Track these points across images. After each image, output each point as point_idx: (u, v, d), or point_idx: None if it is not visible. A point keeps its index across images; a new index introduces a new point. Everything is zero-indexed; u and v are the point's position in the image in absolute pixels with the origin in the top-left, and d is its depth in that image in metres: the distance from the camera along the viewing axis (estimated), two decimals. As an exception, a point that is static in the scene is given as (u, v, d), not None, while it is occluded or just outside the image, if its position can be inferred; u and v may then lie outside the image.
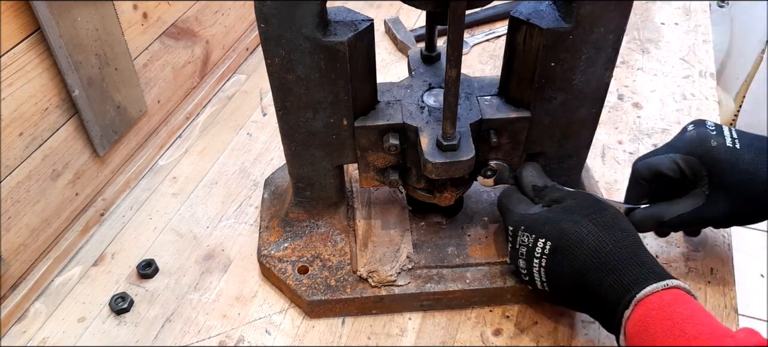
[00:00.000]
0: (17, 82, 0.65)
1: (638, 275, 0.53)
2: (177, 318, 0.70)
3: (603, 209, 0.59)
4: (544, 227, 0.59)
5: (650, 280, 0.52)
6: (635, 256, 0.55)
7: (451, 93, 0.55)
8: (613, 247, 0.55)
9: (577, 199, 0.61)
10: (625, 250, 0.55)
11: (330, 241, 0.73)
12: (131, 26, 0.81)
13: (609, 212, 0.59)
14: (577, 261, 0.56)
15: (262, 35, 0.56)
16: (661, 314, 0.50)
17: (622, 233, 0.56)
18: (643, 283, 0.52)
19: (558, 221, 0.58)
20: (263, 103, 1.02)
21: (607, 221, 0.57)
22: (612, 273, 0.54)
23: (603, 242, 0.56)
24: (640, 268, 0.54)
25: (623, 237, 0.56)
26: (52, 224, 0.75)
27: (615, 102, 0.98)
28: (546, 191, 0.64)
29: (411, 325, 0.68)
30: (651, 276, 0.53)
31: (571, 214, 0.59)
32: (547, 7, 0.58)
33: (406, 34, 1.12)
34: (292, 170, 0.69)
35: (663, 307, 0.50)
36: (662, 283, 0.51)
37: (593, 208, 0.59)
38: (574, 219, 0.58)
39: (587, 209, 0.59)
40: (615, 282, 0.54)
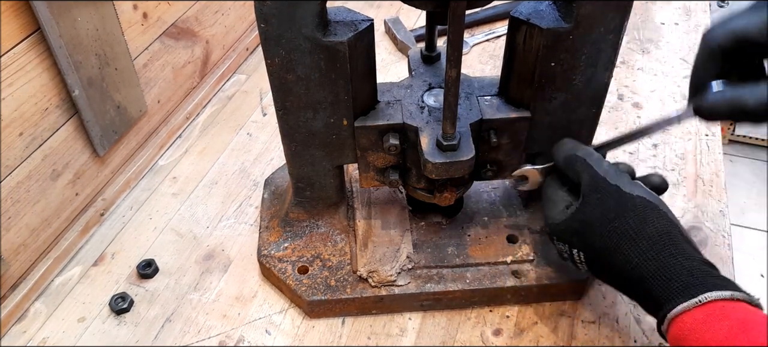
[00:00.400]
0: (17, 82, 0.65)
1: (667, 292, 0.51)
2: (177, 318, 0.70)
3: (626, 212, 0.55)
4: (573, 239, 0.58)
5: (680, 297, 0.50)
6: (662, 269, 0.52)
7: (451, 93, 0.55)
8: (639, 260, 0.53)
9: (599, 199, 0.56)
10: (651, 262, 0.52)
11: (330, 241, 0.73)
12: (131, 26, 0.81)
13: (633, 214, 0.54)
14: (613, 271, 0.56)
15: (262, 35, 0.56)
16: (693, 336, 0.48)
17: (647, 242, 0.53)
18: (673, 301, 0.50)
19: (583, 234, 0.57)
20: (263, 103, 1.02)
21: (631, 227, 0.54)
22: (642, 285, 0.53)
23: (629, 255, 0.54)
24: (668, 283, 0.51)
25: (649, 246, 0.53)
26: (52, 224, 0.75)
27: (615, 102, 0.98)
28: (577, 164, 0.59)
29: (411, 325, 0.68)
30: (681, 293, 0.50)
31: (593, 227, 0.56)
32: (547, 7, 0.58)
33: (406, 34, 1.12)
34: (292, 170, 0.69)
35: (695, 328, 0.48)
36: (694, 300, 0.49)
37: (616, 212, 0.55)
38: (598, 232, 0.56)
39: (609, 215, 0.55)
40: (645, 298, 0.54)
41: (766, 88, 0.48)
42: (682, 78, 1.03)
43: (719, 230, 0.77)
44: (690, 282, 0.50)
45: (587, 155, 0.59)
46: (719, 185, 0.84)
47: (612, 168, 0.58)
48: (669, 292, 0.51)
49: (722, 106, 0.51)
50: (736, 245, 0.75)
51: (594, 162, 0.58)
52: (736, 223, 2.07)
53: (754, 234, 2.06)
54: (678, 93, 1.00)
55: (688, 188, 0.83)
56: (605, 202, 0.56)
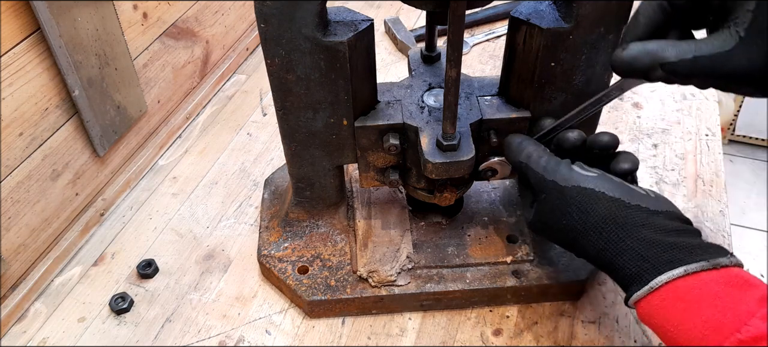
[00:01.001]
0: (17, 82, 0.65)
1: (625, 278, 0.52)
2: (177, 318, 0.70)
3: (568, 210, 0.55)
4: (544, 236, 0.60)
5: (635, 285, 0.50)
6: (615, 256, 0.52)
7: (451, 93, 0.55)
8: (594, 251, 0.54)
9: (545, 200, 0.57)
10: (604, 252, 0.53)
11: (330, 241, 0.73)
12: (131, 26, 0.81)
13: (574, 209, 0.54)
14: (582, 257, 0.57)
15: (262, 35, 0.56)
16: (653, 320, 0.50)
17: (595, 234, 0.53)
18: (630, 289, 0.51)
19: (547, 232, 0.58)
20: (263, 103, 1.02)
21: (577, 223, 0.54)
22: (607, 272, 0.54)
23: (585, 249, 0.55)
24: (622, 270, 0.52)
25: (597, 238, 0.53)
26: (52, 224, 0.75)
27: (615, 102, 0.98)
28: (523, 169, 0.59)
29: (411, 325, 0.68)
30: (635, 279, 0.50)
31: (550, 226, 0.57)
32: (547, 7, 0.58)
33: (406, 34, 1.12)
34: (292, 170, 0.69)
35: (653, 313, 0.49)
36: (646, 288, 0.49)
37: (559, 211, 0.55)
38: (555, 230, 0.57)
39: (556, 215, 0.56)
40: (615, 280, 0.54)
41: (692, 45, 0.46)
42: (682, 78, 1.02)
43: (719, 230, 0.77)
44: (642, 267, 0.50)
45: (527, 157, 0.59)
46: (719, 185, 0.84)
47: (550, 161, 0.57)
48: (626, 279, 0.52)
49: (641, 56, 0.48)
50: (736, 245, 0.75)
51: (533, 163, 0.58)
52: (736, 223, 2.07)
53: (754, 234, 2.06)
54: (677, 93, 1.00)
55: (688, 188, 0.83)
56: (550, 201, 0.56)
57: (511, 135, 0.62)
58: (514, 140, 0.61)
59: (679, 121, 0.94)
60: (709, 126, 0.93)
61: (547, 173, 0.56)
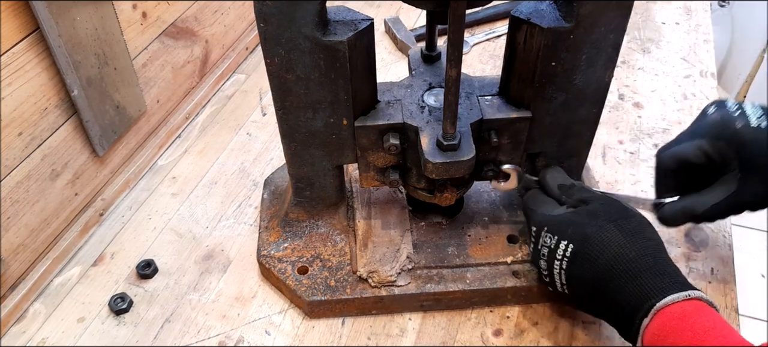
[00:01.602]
0: (16, 82, 0.65)
1: (660, 284, 0.52)
2: (176, 319, 0.70)
3: (629, 217, 0.57)
4: (568, 230, 0.58)
5: (672, 290, 0.51)
6: (657, 265, 0.53)
7: (452, 93, 0.55)
8: (636, 254, 0.54)
9: (604, 203, 0.59)
10: (648, 258, 0.54)
11: (330, 241, 0.72)
12: (130, 26, 0.81)
13: (635, 219, 0.57)
14: (599, 267, 0.55)
15: (261, 35, 0.56)
16: (681, 324, 0.49)
17: (647, 242, 0.55)
18: (664, 292, 0.51)
19: (582, 225, 0.57)
20: (263, 103, 1.01)
21: (633, 228, 0.56)
22: (633, 280, 0.53)
23: (626, 249, 0.54)
24: (662, 277, 0.52)
25: (647, 246, 0.55)
26: (52, 224, 0.75)
27: (616, 102, 0.98)
28: (573, 190, 0.63)
29: (411, 325, 0.68)
30: (673, 286, 0.51)
31: (595, 218, 0.57)
32: (547, 6, 0.58)
33: (406, 33, 1.11)
34: (291, 170, 0.69)
35: (684, 317, 0.49)
36: (684, 293, 0.50)
37: (619, 214, 0.57)
38: (599, 223, 0.57)
39: (613, 215, 0.57)
40: (636, 289, 0.53)
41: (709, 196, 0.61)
42: (682, 78, 1.02)
43: (719, 230, 0.77)
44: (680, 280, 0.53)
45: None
46: (720, 185, 0.83)
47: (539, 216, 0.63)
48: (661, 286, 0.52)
49: (679, 215, 0.63)
50: (736, 245, 0.75)
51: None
52: (736, 223, 2.07)
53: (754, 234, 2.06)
54: (678, 93, 0.99)
55: (688, 188, 0.83)
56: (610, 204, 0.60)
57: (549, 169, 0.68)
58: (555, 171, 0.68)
59: (680, 121, 0.94)
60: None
61: None
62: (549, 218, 0.61)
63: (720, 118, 0.61)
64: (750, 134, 0.59)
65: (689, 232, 0.77)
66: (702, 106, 0.96)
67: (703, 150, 0.61)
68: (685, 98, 0.98)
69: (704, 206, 0.61)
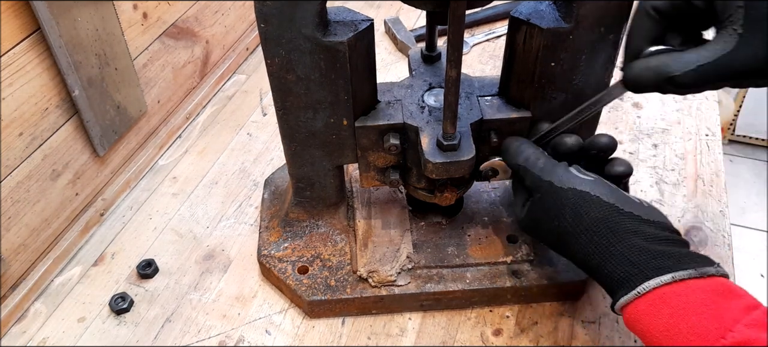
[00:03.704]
0: (17, 82, 0.65)
1: (612, 283, 0.52)
2: (177, 318, 0.70)
3: (562, 211, 0.55)
4: (533, 236, 0.61)
5: (622, 289, 0.51)
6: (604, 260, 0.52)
7: (452, 93, 0.55)
8: (583, 254, 0.54)
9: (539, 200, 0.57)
10: (593, 256, 0.53)
11: (330, 241, 0.73)
12: (131, 26, 0.81)
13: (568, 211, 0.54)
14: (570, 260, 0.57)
15: (262, 35, 0.56)
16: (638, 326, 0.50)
17: (586, 236, 0.53)
18: (616, 293, 0.52)
19: (536, 231, 0.59)
20: (263, 103, 1.02)
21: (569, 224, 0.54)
22: (595, 278, 0.55)
23: (574, 252, 0.55)
24: (610, 275, 0.52)
25: (588, 241, 0.53)
26: (52, 224, 0.75)
27: (615, 102, 0.98)
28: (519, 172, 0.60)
29: (411, 325, 0.68)
30: (622, 283, 0.51)
31: (540, 226, 0.58)
32: (547, 7, 0.58)
33: (406, 34, 1.12)
34: (292, 170, 0.69)
35: (639, 319, 0.50)
36: (633, 293, 0.50)
37: (553, 211, 0.56)
38: (545, 230, 0.57)
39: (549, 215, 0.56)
40: (601, 286, 0.55)
41: (694, 54, 0.47)
42: (682, 78, 1.02)
43: (719, 230, 0.77)
44: (630, 272, 0.50)
45: (526, 159, 0.59)
46: (719, 185, 0.84)
47: (548, 162, 0.58)
48: (613, 284, 0.52)
49: (648, 74, 0.49)
50: (736, 245, 0.75)
51: (530, 164, 0.58)
52: (736, 223, 2.07)
53: (754, 234, 2.06)
54: (678, 93, 0.99)
55: (688, 188, 0.83)
56: (544, 201, 0.57)
57: (510, 138, 0.62)
58: (512, 143, 0.61)
59: (679, 121, 0.94)
60: (709, 126, 0.93)
61: (544, 173, 0.57)
62: (518, 222, 0.62)
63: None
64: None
65: (688, 232, 0.77)
66: (701, 106, 0.97)
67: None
68: (685, 99, 0.98)
69: (685, 66, 0.47)
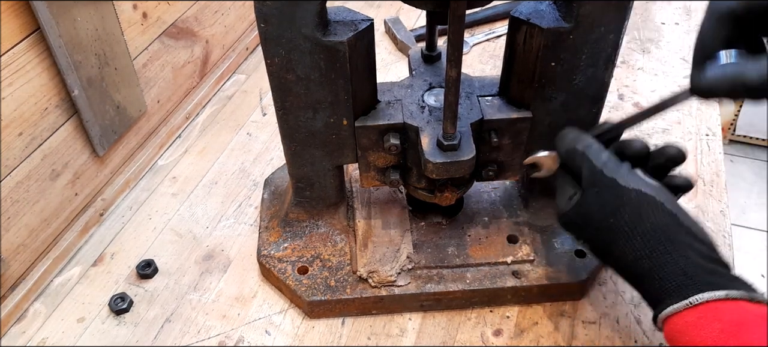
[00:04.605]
0: (17, 82, 0.65)
1: (662, 290, 0.51)
2: (177, 319, 0.70)
3: (621, 209, 0.54)
4: (575, 232, 0.59)
5: (672, 298, 0.50)
6: (657, 266, 0.52)
7: (452, 93, 0.55)
8: (634, 257, 0.53)
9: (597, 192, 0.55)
10: (646, 260, 0.52)
11: (330, 241, 0.73)
12: (131, 26, 0.81)
13: (628, 210, 0.53)
14: (612, 264, 0.57)
15: (261, 35, 0.56)
16: (683, 337, 0.49)
17: (642, 239, 0.53)
18: (665, 301, 0.51)
19: (583, 227, 0.57)
20: (263, 103, 1.02)
21: (626, 223, 0.53)
22: (637, 286, 0.55)
23: (624, 252, 0.54)
24: (662, 282, 0.51)
25: (643, 244, 0.53)
26: (52, 224, 0.75)
27: (615, 102, 0.98)
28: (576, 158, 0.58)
29: (411, 325, 0.68)
30: (674, 292, 0.50)
31: (591, 221, 0.56)
32: (547, 7, 0.58)
33: (406, 34, 1.12)
34: (292, 170, 0.69)
35: (686, 330, 0.49)
36: (684, 302, 0.49)
37: (611, 207, 0.54)
38: (596, 227, 0.56)
39: (605, 211, 0.55)
40: (643, 292, 0.54)
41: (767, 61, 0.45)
42: (682, 78, 1.02)
43: (719, 230, 0.77)
44: (683, 283, 0.50)
45: (586, 147, 0.57)
46: (719, 185, 0.83)
47: (611, 159, 0.56)
48: (662, 292, 0.51)
49: (722, 82, 0.47)
50: (736, 245, 0.75)
51: (592, 154, 0.56)
52: (736, 223, 2.07)
53: (754, 234, 2.06)
54: (678, 93, 0.99)
55: (688, 188, 0.83)
56: (602, 196, 0.55)
57: (567, 128, 0.60)
58: (571, 131, 0.60)
59: (680, 121, 0.94)
60: (710, 126, 0.93)
61: (607, 168, 0.55)
62: (560, 217, 0.60)
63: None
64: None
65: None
66: (701, 106, 0.97)
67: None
68: (685, 98, 0.98)
69: (760, 75, 0.45)
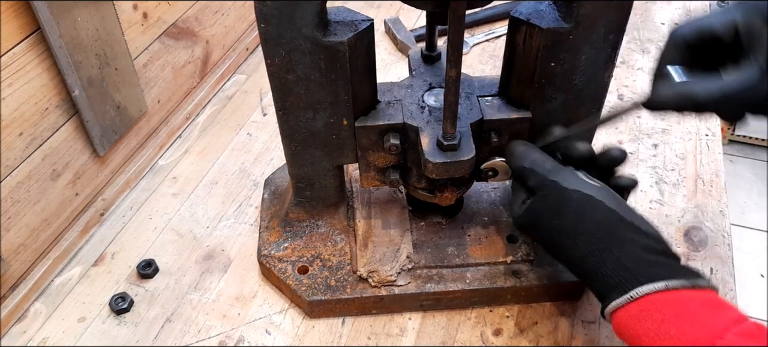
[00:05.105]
0: (17, 83, 0.65)
1: (605, 286, 0.53)
2: (177, 318, 0.70)
3: (563, 211, 0.56)
4: (529, 234, 0.64)
5: (615, 293, 0.52)
6: (599, 263, 0.53)
7: (452, 93, 0.55)
8: (579, 256, 0.55)
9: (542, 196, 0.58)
10: (589, 258, 0.54)
11: (330, 241, 0.73)
12: (131, 26, 0.81)
13: (569, 211, 0.55)
14: (563, 263, 0.59)
15: (262, 35, 0.56)
16: (627, 331, 0.51)
17: (584, 238, 0.54)
18: (609, 297, 0.53)
19: (534, 230, 0.60)
20: (263, 103, 1.02)
21: (569, 225, 0.55)
22: (586, 281, 0.56)
23: (569, 253, 0.56)
24: (604, 279, 0.53)
25: (586, 243, 0.54)
26: (52, 224, 0.75)
27: (615, 102, 0.98)
28: (526, 174, 0.60)
29: (411, 325, 0.68)
30: (615, 287, 0.52)
31: (540, 224, 0.58)
32: (547, 7, 0.58)
33: (406, 34, 1.12)
34: (292, 170, 0.69)
35: (629, 324, 0.50)
36: (626, 297, 0.51)
37: (554, 210, 0.56)
38: (545, 229, 0.58)
39: (550, 213, 0.57)
40: (592, 289, 0.56)
41: (718, 82, 0.50)
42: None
43: (719, 230, 0.77)
44: (625, 277, 0.52)
45: (532, 163, 0.60)
46: (719, 185, 0.84)
47: (555, 165, 0.59)
48: (605, 288, 0.53)
49: (674, 98, 0.52)
50: (736, 245, 0.76)
51: (538, 166, 0.59)
52: (736, 223, 2.07)
53: (754, 234, 2.06)
54: (678, 93, 0.99)
55: (688, 188, 0.83)
56: (546, 200, 0.58)
57: (515, 142, 0.63)
58: (517, 146, 0.62)
59: (679, 121, 0.94)
60: (709, 126, 0.93)
61: (550, 173, 0.58)
62: (514, 220, 0.62)
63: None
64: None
65: (688, 232, 0.77)
66: (701, 106, 0.97)
67: (734, 23, 0.51)
68: (685, 99, 0.98)
69: (711, 93, 0.50)
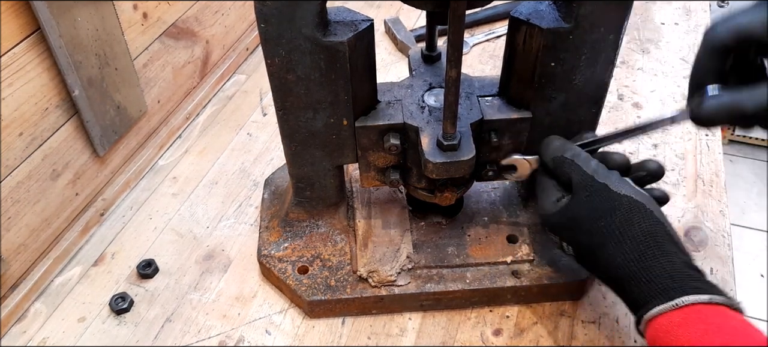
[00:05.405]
0: (17, 83, 0.65)
1: (645, 294, 0.52)
2: (177, 318, 0.70)
3: (611, 213, 0.55)
4: (563, 233, 0.60)
5: (658, 299, 0.51)
6: (644, 270, 0.53)
7: (452, 93, 0.55)
8: (623, 260, 0.54)
9: (588, 195, 0.56)
10: (634, 263, 0.53)
11: (330, 241, 0.73)
12: (131, 26, 0.81)
13: (618, 214, 0.54)
14: (598, 267, 0.58)
15: (262, 35, 0.56)
16: (668, 336, 0.49)
17: (631, 243, 0.54)
18: (651, 302, 0.51)
19: (572, 229, 0.58)
20: (263, 103, 1.02)
21: (616, 227, 0.54)
22: (621, 291, 0.55)
23: (612, 255, 0.55)
24: (649, 284, 0.52)
25: (633, 248, 0.54)
26: (52, 224, 0.75)
27: (615, 102, 0.98)
28: (564, 166, 0.59)
29: (411, 325, 0.68)
30: (660, 294, 0.51)
31: (580, 224, 0.57)
32: (547, 7, 0.58)
33: (406, 34, 1.12)
34: (292, 170, 0.69)
35: (670, 330, 0.49)
36: (671, 303, 0.50)
37: (602, 211, 0.55)
38: (585, 229, 0.56)
39: (596, 214, 0.56)
40: (626, 297, 0.55)
41: (764, 90, 0.47)
42: (682, 78, 1.03)
43: (719, 230, 0.77)
44: (669, 285, 0.51)
45: (575, 155, 0.59)
46: (719, 185, 0.84)
47: (601, 167, 0.58)
48: (648, 294, 0.52)
49: (721, 112, 0.50)
50: (736, 245, 0.76)
51: (582, 162, 0.58)
52: (736, 223, 2.07)
53: (754, 234, 2.06)
54: (678, 93, 1.00)
55: (688, 188, 0.83)
56: (593, 200, 0.56)
57: (551, 136, 0.62)
58: (556, 139, 0.62)
59: (679, 121, 0.94)
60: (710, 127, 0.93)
61: (598, 175, 0.57)
62: (546, 218, 0.61)
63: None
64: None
65: (688, 232, 0.77)
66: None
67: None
68: (684, 99, 0.98)
69: (756, 103, 0.47)
